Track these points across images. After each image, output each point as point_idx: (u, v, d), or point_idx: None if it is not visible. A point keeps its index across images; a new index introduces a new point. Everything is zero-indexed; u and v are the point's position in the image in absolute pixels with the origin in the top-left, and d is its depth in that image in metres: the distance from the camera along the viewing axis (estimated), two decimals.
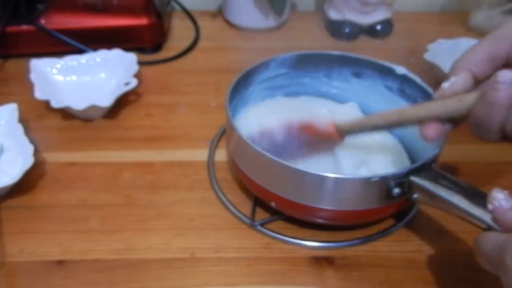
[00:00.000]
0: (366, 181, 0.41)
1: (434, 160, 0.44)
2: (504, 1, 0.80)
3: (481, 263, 0.35)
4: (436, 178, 0.41)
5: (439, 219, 0.49)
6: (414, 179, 0.42)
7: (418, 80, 0.52)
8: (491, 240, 0.34)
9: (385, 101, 0.55)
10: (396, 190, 0.42)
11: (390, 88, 0.55)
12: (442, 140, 0.45)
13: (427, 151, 0.45)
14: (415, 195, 0.43)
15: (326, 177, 0.41)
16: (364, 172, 0.48)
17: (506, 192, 0.35)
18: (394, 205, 0.45)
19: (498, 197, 0.35)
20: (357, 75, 0.56)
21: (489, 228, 0.35)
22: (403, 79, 0.53)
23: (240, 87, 0.53)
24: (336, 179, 0.41)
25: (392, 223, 0.49)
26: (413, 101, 0.53)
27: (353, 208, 0.44)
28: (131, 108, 0.64)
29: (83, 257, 0.45)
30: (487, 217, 0.35)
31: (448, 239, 0.48)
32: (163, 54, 0.75)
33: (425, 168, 0.42)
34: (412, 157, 0.52)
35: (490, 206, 0.35)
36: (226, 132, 0.52)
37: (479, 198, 0.37)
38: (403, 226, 0.49)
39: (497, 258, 0.32)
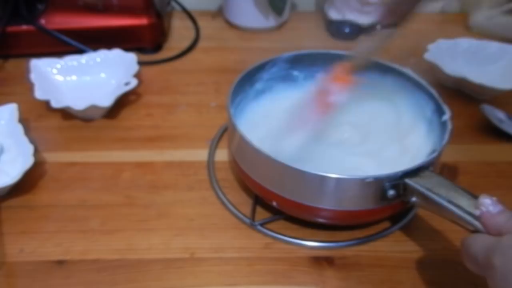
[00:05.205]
0: (361, 182, 0.41)
1: (431, 163, 0.43)
2: (504, 1, 0.80)
3: (467, 264, 0.35)
4: (431, 181, 0.41)
5: (439, 219, 0.48)
6: (409, 181, 0.41)
7: (423, 81, 0.52)
8: (479, 242, 0.34)
9: None
10: (391, 192, 0.42)
11: None
12: (443, 143, 0.45)
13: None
14: (413, 199, 0.42)
15: (325, 176, 0.41)
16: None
17: (494, 198, 0.36)
18: (390, 207, 0.44)
19: (485, 202, 0.36)
20: None
21: (477, 231, 0.36)
22: (409, 79, 0.54)
23: (243, 86, 0.53)
24: (334, 178, 0.41)
25: (392, 223, 0.49)
26: (416, 101, 0.53)
27: (349, 208, 0.44)
28: (131, 108, 0.64)
29: (83, 257, 0.45)
30: (477, 222, 0.36)
31: (448, 239, 0.48)
32: (163, 54, 0.75)
33: (421, 171, 0.42)
34: None
35: (477, 212, 0.36)
36: (228, 131, 0.52)
37: (472, 202, 0.37)
38: (403, 226, 0.49)
39: (484, 259, 0.33)
